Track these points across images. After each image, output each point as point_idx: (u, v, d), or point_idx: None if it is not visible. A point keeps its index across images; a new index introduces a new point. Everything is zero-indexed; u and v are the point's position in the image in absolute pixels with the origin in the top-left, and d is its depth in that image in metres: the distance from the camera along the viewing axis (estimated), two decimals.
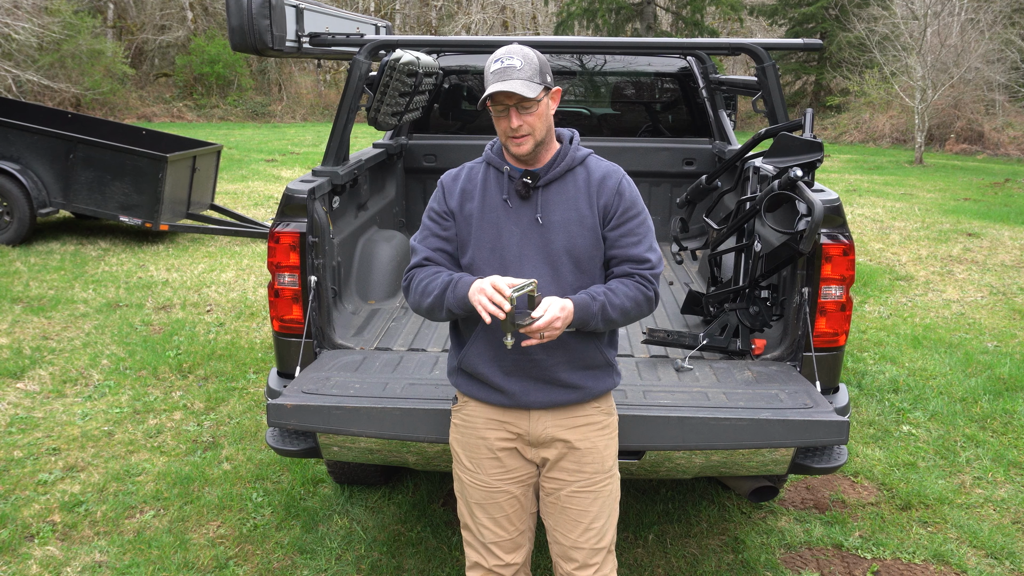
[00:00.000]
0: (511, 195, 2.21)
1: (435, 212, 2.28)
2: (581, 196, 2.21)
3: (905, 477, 4.09)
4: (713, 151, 5.18)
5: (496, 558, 2.32)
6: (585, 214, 2.20)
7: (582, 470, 2.27)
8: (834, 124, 25.62)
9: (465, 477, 2.33)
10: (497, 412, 2.27)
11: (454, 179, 2.29)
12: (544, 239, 2.19)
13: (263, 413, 4.70)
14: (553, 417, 2.25)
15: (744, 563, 3.39)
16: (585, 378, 2.25)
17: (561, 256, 2.19)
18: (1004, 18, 21.28)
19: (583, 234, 2.19)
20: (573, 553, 2.29)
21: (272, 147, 19.08)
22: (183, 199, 9.10)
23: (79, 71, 23.79)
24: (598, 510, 2.29)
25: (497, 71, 2.11)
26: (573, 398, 2.25)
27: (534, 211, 2.20)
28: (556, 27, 28.61)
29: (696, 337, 3.22)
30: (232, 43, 3.36)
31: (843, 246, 2.97)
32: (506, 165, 2.23)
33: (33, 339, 5.88)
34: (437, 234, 2.27)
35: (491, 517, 2.31)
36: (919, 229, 10.57)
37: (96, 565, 3.30)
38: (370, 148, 4.72)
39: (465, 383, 2.31)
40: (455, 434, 2.37)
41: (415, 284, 2.24)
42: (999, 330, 6.50)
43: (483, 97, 2.12)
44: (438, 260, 2.26)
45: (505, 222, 2.20)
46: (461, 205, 2.24)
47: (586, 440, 2.27)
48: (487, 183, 2.25)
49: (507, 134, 2.15)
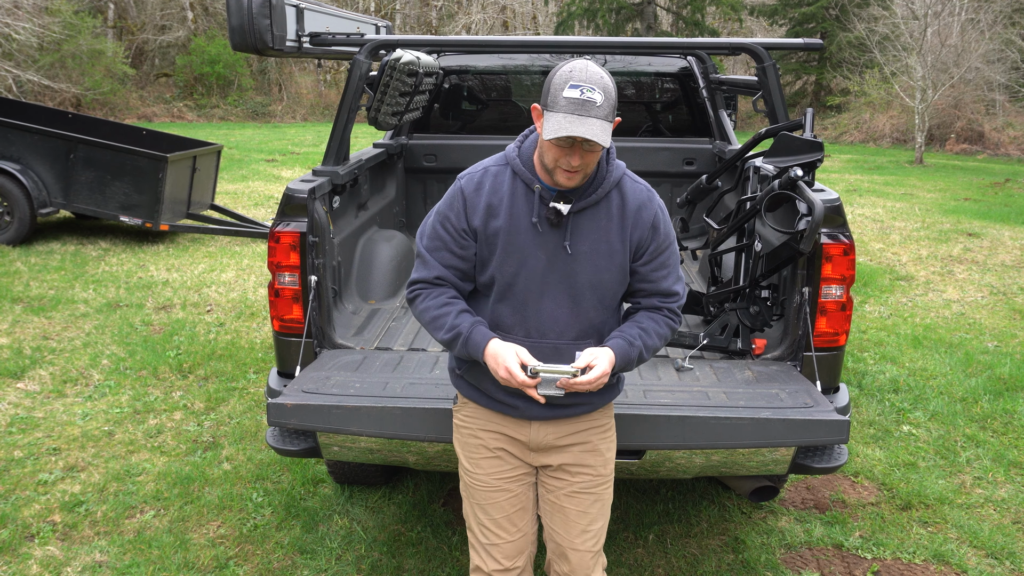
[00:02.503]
0: (541, 219, 2.04)
1: (453, 226, 2.09)
2: (614, 227, 2.07)
3: (905, 477, 4.09)
4: (713, 151, 5.18)
5: (496, 562, 2.30)
6: (616, 248, 2.07)
7: (584, 472, 2.26)
8: (834, 124, 25.62)
9: (467, 478, 2.32)
10: (498, 418, 2.24)
11: (477, 190, 2.08)
12: (570, 269, 2.06)
13: (263, 413, 4.70)
14: (556, 427, 2.22)
15: (744, 563, 3.39)
16: (592, 395, 2.18)
17: (585, 290, 2.08)
18: (1004, 18, 21.27)
19: (611, 268, 2.08)
20: (569, 554, 2.29)
21: (272, 147, 19.08)
22: (183, 199, 9.10)
23: (79, 71, 23.79)
24: (596, 512, 2.28)
25: (576, 102, 1.89)
26: (579, 411, 2.21)
27: (563, 238, 2.04)
28: (556, 27, 28.62)
29: (696, 337, 3.22)
30: (232, 43, 3.36)
31: (843, 246, 2.97)
32: (538, 183, 2.05)
33: (33, 339, 5.88)
34: (452, 250, 2.11)
35: (492, 518, 2.29)
36: (919, 229, 10.57)
37: (96, 565, 3.30)
38: (370, 148, 4.72)
39: (466, 388, 2.27)
40: (456, 435, 2.35)
41: (423, 306, 2.14)
42: (999, 330, 6.50)
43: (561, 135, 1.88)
44: (450, 279, 2.13)
45: (531, 247, 2.05)
46: (486, 223, 2.06)
47: (589, 444, 2.26)
48: (515, 199, 2.06)
49: (560, 166, 1.96)
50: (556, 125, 1.90)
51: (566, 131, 1.88)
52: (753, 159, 3.58)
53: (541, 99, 2.00)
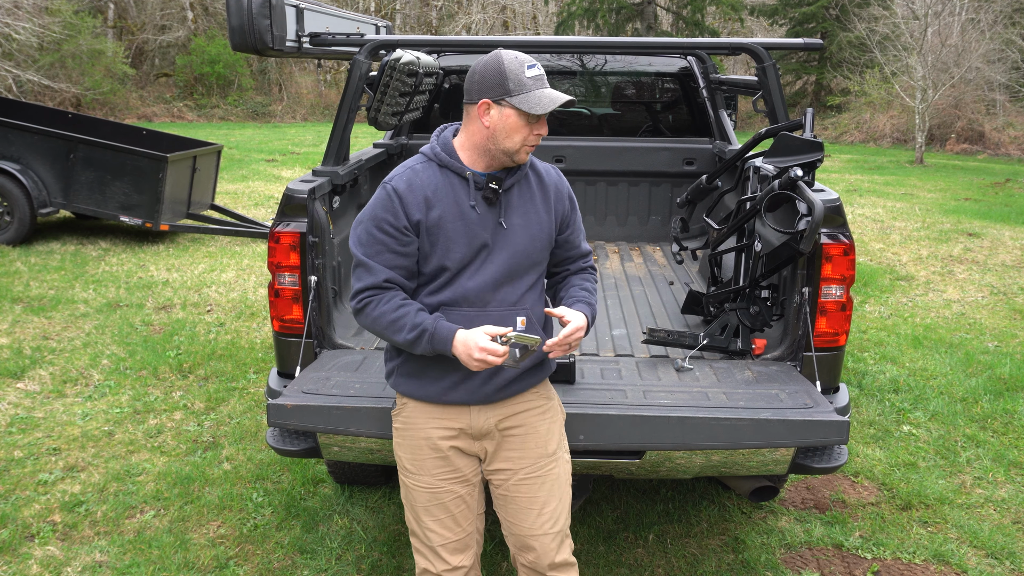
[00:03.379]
0: (478, 201, 2.19)
1: (391, 225, 2.15)
2: (538, 200, 2.27)
3: (905, 477, 4.09)
4: (713, 151, 5.18)
5: (443, 562, 2.32)
6: (543, 219, 2.27)
7: (524, 456, 2.30)
8: (834, 124, 25.61)
9: (409, 481, 2.33)
10: (438, 411, 2.27)
11: (409, 187, 2.17)
12: (507, 241, 2.22)
13: (263, 413, 4.70)
14: (495, 410, 2.28)
15: (744, 563, 3.39)
16: (526, 374, 2.29)
17: (521, 259, 2.24)
18: (1005, 18, 21.27)
19: (540, 237, 2.27)
20: (530, 542, 2.30)
21: (272, 147, 19.09)
22: (183, 199, 9.10)
23: (79, 71, 23.80)
24: (547, 494, 2.31)
25: (539, 78, 2.11)
26: (517, 389, 2.29)
27: (498, 215, 2.21)
28: (556, 27, 28.62)
29: (696, 337, 3.22)
30: (232, 43, 3.36)
31: (843, 246, 2.97)
32: (468, 170, 2.19)
33: (33, 339, 5.88)
34: (395, 250, 2.16)
35: (436, 519, 2.31)
36: (919, 229, 10.57)
37: (96, 565, 3.30)
38: (370, 148, 4.72)
39: (405, 384, 2.30)
40: (396, 438, 2.36)
41: (376, 313, 2.16)
42: (999, 330, 6.50)
43: (557, 104, 2.09)
44: (397, 281, 2.18)
45: (473, 227, 2.18)
46: (426, 214, 2.16)
47: (527, 426, 2.30)
48: (450, 188, 2.18)
49: (528, 142, 2.15)
50: (540, 100, 2.09)
51: (554, 101, 2.09)
52: (753, 159, 3.58)
53: (489, 92, 2.12)
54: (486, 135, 2.16)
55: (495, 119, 2.13)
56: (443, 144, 2.23)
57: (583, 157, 5.25)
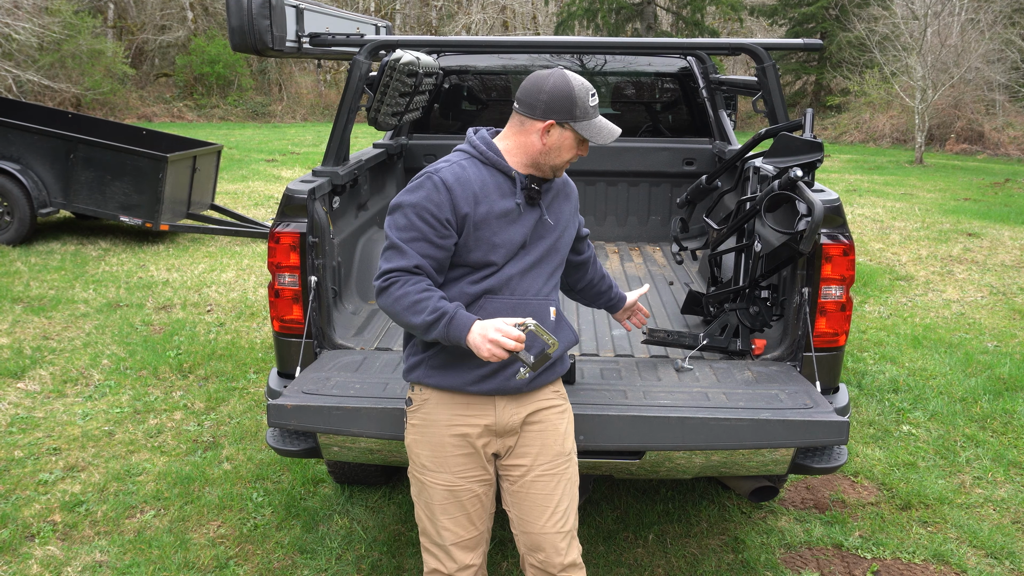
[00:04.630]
0: (522, 199, 2.27)
1: (432, 216, 2.16)
2: (563, 199, 2.41)
3: (905, 477, 4.10)
4: (713, 151, 5.18)
5: (453, 561, 2.32)
6: (570, 218, 2.43)
7: (543, 453, 2.31)
8: (834, 124, 25.61)
9: (426, 478, 2.32)
10: (462, 407, 2.27)
11: (458, 180, 2.18)
12: (549, 238, 2.33)
13: (263, 413, 4.70)
14: (518, 402, 2.30)
15: (744, 563, 3.39)
16: (544, 371, 2.34)
17: (554, 253, 2.37)
18: (1004, 18, 21.28)
19: (569, 233, 2.43)
20: (541, 541, 2.31)
21: (272, 147, 19.08)
22: (183, 199, 9.10)
23: (79, 71, 23.79)
24: (562, 492, 2.33)
25: (596, 105, 2.26)
26: (536, 384, 2.32)
27: (540, 213, 2.31)
28: (556, 27, 28.62)
29: (696, 337, 3.22)
30: (232, 43, 3.36)
31: (843, 246, 2.97)
32: (514, 171, 2.27)
33: (33, 339, 5.89)
34: (432, 240, 2.17)
35: (452, 517, 2.31)
36: (919, 229, 10.57)
37: (96, 565, 3.31)
38: (370, 148, 4.72)
39: (433, 375, 2.27)
40: (413, 435, 2.34)
41: (400, 292, 2.15)
42: (999, 330, 6.50)
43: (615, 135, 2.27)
44: (427, 270, 2.18)
45: (518, 224, 2.26)
46: (474, 208, 2.19)
47: (546, 422, 2.33)
48: (496, 186, 2.24)
49: (572, 161, 2.30)
50: (602, 130, 2.26)
51: (612, 134, 2.28)
52: (753, 159, 3.59)
53: (556, 115, 2.20)
54: (540, 150, 2.24)
55: (554, 139, 2.23)
56: (487, 144, 2.29)
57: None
